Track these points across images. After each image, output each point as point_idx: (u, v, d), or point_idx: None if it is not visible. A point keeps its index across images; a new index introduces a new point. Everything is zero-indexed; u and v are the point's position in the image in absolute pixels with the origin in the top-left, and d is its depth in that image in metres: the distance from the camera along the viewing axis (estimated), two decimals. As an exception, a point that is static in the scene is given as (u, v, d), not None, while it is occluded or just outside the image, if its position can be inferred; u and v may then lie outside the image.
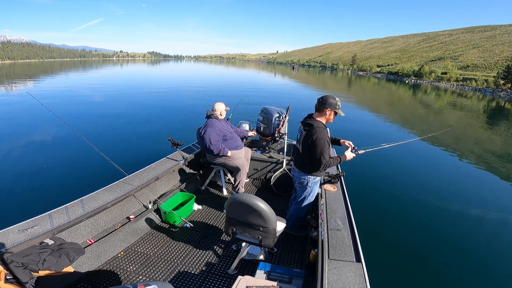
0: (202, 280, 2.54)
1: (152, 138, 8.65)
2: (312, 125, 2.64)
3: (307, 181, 2.86)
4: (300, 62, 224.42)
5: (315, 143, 2.56)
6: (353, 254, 2.05)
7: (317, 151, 2.56)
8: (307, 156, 2.72)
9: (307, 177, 2.84)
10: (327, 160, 2.57)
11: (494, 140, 12.14)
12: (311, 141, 2.58)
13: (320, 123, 2.67)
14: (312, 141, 2.57)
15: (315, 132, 2.58)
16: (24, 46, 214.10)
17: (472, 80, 64.90)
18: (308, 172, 2.82)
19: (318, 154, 2.56)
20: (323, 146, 2.54)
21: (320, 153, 2.55)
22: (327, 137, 2.60)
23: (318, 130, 2.59)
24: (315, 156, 2.59)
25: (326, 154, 2.56)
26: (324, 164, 2.59)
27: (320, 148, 2.54)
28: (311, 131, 2.61)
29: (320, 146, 2.54)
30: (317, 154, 2.57)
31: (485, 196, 6.06)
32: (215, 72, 59.20)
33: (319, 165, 2.61)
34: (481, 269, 3.75)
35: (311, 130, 2.62)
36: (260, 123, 4.61)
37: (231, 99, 12.15)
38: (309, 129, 2.65)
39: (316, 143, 2.55)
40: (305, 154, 2.73)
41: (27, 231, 2.15)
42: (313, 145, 2.57)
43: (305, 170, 2.84)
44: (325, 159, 2.56)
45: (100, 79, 32.40)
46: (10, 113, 11.77)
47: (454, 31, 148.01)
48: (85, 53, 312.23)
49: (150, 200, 3.43)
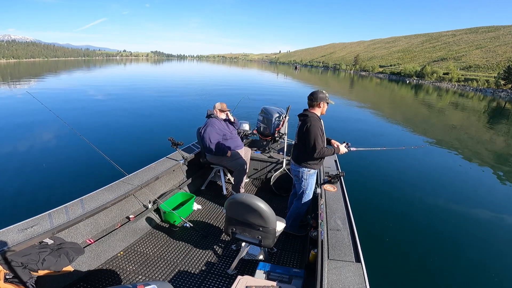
0: (202, 280, 2.53)
1: (152, 138, 8.66)
2: (306, 115, 2.84)
3: (302, 173, 2.96)
4: (303, 62, 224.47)
5: (309, 129, 2.71)
6: (352, 254, 2.04)
7: (311, 138, 2.70)
8: (302, 145, 2.87)
9: (302, 169, 2.95)
10: (321, 147, 2.71)
11: (494, 141, 12.09)
12: (306, 128, 2.75)
13: (315, 114, 2.85)
14: (307, 128, 2.73)
15: (309, 121, 2.75)
16: (28, 45, 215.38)
17: (473, 81, 64.86)
18: (303, 162, 2.92)
19: (312, 141, 2.70)
20: (316, 133, 2.69)
21: (314, 140, 2.70)
22: (320, 126, 2.77)
23: (312, 119, 2.77)
24: (309, 143, 2.73)
25: (320, 141, 2.71)
26: (318, 151, 2.71)
27: (313, 135, 2.69)
28: (305, 120, 2.80)
29: (314, 133, 2.69)
30: (311, 141, 2.71)
31: (485, 196, 6.04)
32: (217, 71, 59.23)
33: (313, 152, 2.73)
34: (481, 269, 3.74)
35: (306, 119, 2.81)
36: (260, 123, 4.61)
37: (232, 99, 12.18)
38: (304, 118, 2.85)
39: (310, 130, 2.71)
40: (300, 143, 2.89)
41: (27, 231, 2.15)
42: (307, 132, 2.73)
43: (300, 162, 2.95)
44: (319, 145, 2.70)
45: (102, 79, 32.48)
46: (11, 112, 11.81)
47: (458, 32, 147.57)
48: (89, 53, 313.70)
49: (150, 200, 3.43)
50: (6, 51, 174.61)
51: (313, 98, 2.85)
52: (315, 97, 2.84)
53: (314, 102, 2.85)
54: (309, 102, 2.89)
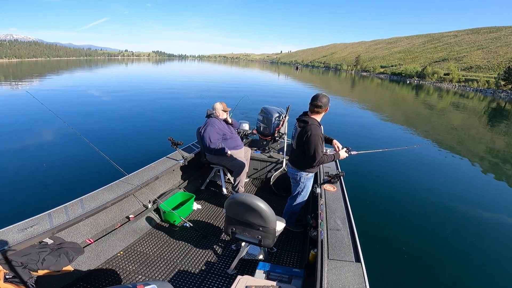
0: (202, 279, 2.53)
1: (152, 138, 8.67)
2: (307, 122, 2.73)
3: (300, 177, 2.95)
4: (304, 63, 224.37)
5: (309, 139, 2.64)
6: (352, 254, 2.04)
7: (311, 147, 2.64)
8: (300, 151, 2.81)
9: (300, 173, 2.93)
10: (320, 156, 2.67)
11: (495, 141, 12.07)
12: (306, 137, 2.66)
13: (315, 121, 2.75)
14: (307, 138, 2.65)
15: (310, 129, 2.65)
16: (31, 45, 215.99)
17: (474, 81, 64.87)
18: (301, 168, 2.90)
19: (312, 150, 2.65)
20: (317, 143, 2.62)
21: (314, 149, 2.64)
22: (321, 134, 2.69)
23: (312, 127, 2.67)
24: (309, 152, 2.67)
25: (320, 150, 2.65)
26: (318, 160, 2.68)
27: (314, 144, 2.63)
28: (305, 128, 2.70)
29: (314, 143, 2.62)
30: (311, 150, 2.65)
31: (485, 196, 6.03)
32: (217, 71, 59.26)
33: (313, 161, 2.70)
34: (481, 268, 3.73)
35: (306, 127, 2.70)
36: (260, 123, 4.61)
37: (232, 99, 12.18)
38: (304, 125, 2.74)
39: (311, 139, 2.63)
40: (299, 149, 2.83)
41: (27, 231, 2.15)
42: (307, 141, 2.65)
43: (298, 166, 2.93)
44: (319, 155, 2.65)
45: (102, 79, 32.56)
46: (11, 112, 11.83)
47: (460, 32, 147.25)
48: (91, 52, 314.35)
49: (149, 200, 3.43)
50: (8, 50, 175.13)
51: (321, 104, 2.68)
52: (323, 102, 2.69)
53: (321, 109, 2.72)
54: (314, 108, 2.72)
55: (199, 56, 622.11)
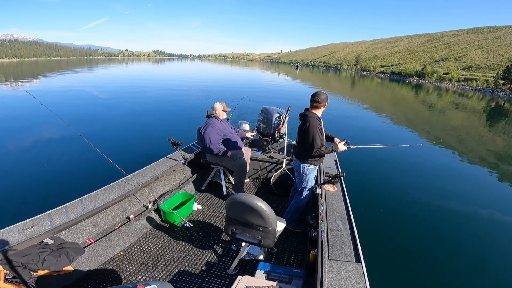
0: (202, 280, 2.53)
1: (152, 138, 8.67)
2: (306, 115, 3.00)
3: (303, 169, 3.12)
4: (304, 62, 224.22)
5: (308, 129, 2.89)
6: (352, 254, 2.04)
7: (309, 136, 2.88)
8: (302, 143, 3.04)
9: (302, 164, 3.11)
10: (319, 145, 2.87)
11: (494, 140, 12.07)
12: (305, 127, 2.93)
13: (314, 114, 2.99)
14: (306, 128, 2.91)
15: (309, 121, 2.92)
16: (31, 45, 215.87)
17: (473, 81, 64.93)
18: (304, 159, 3.09)
19: (310, 139, 2.88)
20: (315, 132, 2.86)
21: (312, 138, 2.87)
22: (319, 125, 2.93)
23: (311, 119, 2.92)
24: (308, 141, 2.90)
25: (318, 139, 2.87)
26: (316, 149, 2.87)
27: (312, 134, 2.86)
28: (305, 120, 2.98)
29: (312, 132, 2.86)
30: (309, 139, 2.88)
31: (486, 196, 6.03)
32: (218, 71, 59.23)
33: (312, 149, 2.89)
34: (481, 268, 3.73)
35: (306, 119, 2.98)
36: (260, 123, 4.61)
37: (232, 99, 12.17)
38: (304, 118, 3.02)
39: (309, 129, 2.88)
40: (301, 141, 3.07)
41: (27, 231, 2.15)
42: (306, 131, 2.91)
43: (301, 158, 3.12)
44: (317, 144, 2.86)
45: (103, 78, 32.52)
46: (11, 112, 11.83)
47: (460, 32, 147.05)
48: (91, 52, 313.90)
49: (150, 200, 3.43)
50: (8, 50, 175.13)
51: (319, 100, 2.97)
52: (322, 98, 2.97)
53: (319, 104, 2.98)
54: (313, 103, 2.99)
55: (199, 55, 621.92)
